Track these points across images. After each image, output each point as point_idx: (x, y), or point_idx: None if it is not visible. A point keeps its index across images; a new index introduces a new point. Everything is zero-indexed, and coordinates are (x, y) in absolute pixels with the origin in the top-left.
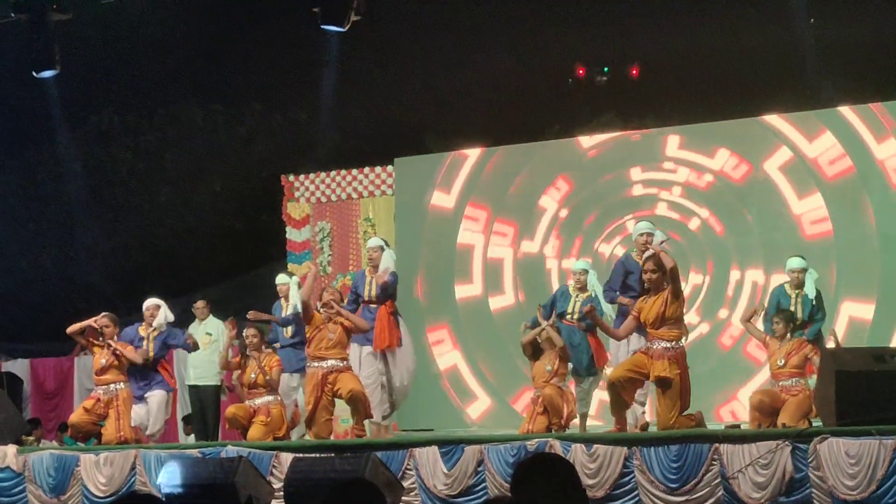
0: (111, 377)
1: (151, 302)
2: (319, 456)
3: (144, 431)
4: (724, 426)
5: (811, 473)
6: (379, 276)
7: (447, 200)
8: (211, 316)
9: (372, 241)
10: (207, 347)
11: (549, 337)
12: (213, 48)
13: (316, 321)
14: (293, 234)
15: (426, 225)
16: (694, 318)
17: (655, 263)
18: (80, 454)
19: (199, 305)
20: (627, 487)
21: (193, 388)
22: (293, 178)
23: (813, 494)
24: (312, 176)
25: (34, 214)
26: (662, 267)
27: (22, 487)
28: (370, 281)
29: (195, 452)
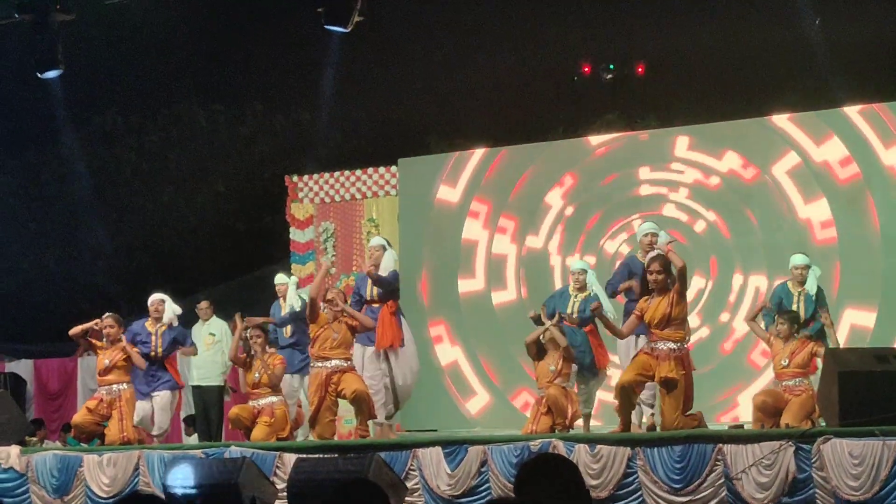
0: (114, 378)
1: (156, 297)
2: (323, 456)
3: (149, 430)
4: (727, 426)
5: (814, 474)
6: (369, 269)
7: (452, 195)
8: (214, 316)
9: (374, 240)
10: (211, 348)
11: (552, 337)
12: (216, 48)
13: (321, 320)
14: (297, 234)
15: (431, 220)
16: (695, 321)
17: (661, 264)
18: (83, 455)
19: (202, 306)
20: (631, 488)
21: (197, 388)
22: (297, 178)
23: (816, 495)
24: (316, 176)
25: (38, 215)
26: (668, 268)
27: (25, 488)
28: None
29: (199, 453)
